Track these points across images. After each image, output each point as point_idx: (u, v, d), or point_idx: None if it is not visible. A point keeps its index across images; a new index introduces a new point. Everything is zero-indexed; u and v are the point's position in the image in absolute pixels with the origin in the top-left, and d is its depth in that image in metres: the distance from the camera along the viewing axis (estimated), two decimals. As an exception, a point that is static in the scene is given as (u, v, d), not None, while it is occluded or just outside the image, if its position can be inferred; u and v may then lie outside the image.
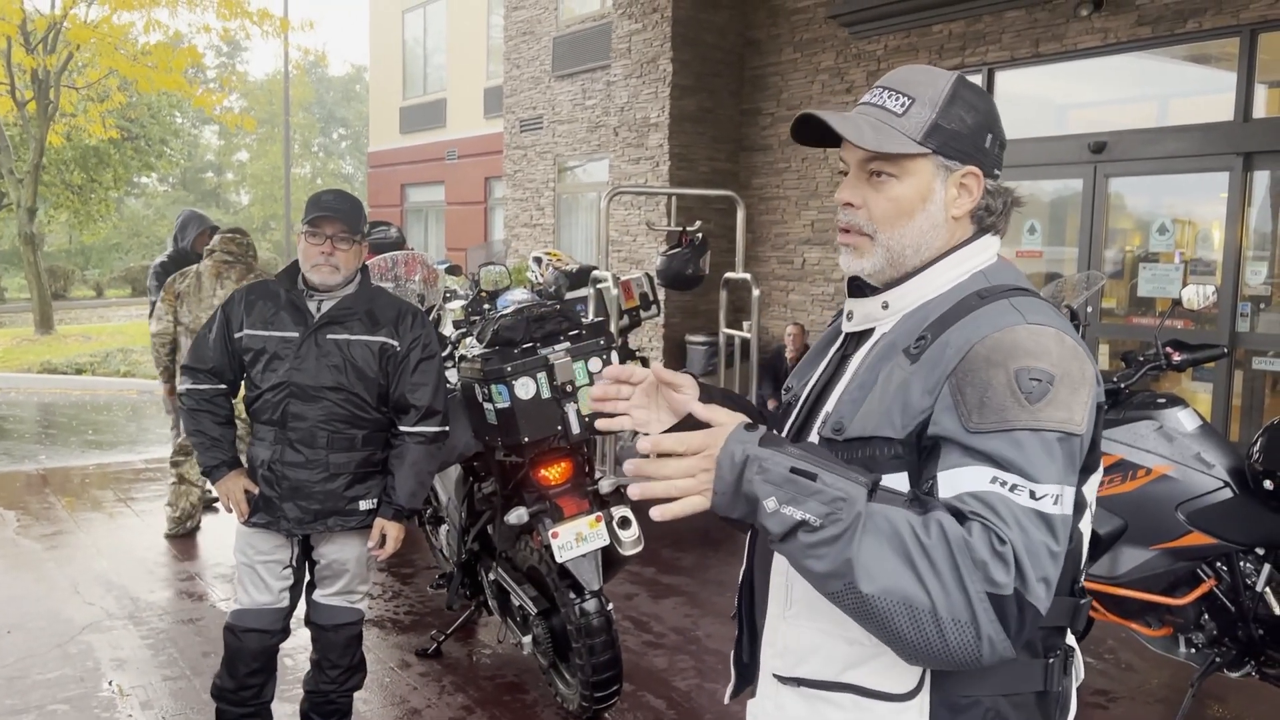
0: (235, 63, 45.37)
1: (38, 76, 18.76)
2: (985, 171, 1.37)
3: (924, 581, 1.11)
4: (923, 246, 1.37)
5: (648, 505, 1.25)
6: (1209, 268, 6.66)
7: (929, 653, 1.13)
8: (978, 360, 1.23)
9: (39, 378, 14.59)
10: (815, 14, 8.94)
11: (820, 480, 1.15)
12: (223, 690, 3.15)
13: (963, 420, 1.21)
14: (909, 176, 1.35)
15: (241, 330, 3.02)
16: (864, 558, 1.12)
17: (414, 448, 3.03)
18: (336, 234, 2.96)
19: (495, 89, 16.40)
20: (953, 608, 1.11)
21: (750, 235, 9.15)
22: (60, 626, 4.34)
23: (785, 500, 1.15)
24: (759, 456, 1.17)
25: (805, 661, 1.36)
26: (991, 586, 1.11)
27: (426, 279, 4.68)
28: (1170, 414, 3.37)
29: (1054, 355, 1.22)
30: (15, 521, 5.94)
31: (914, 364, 1.29)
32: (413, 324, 3.08)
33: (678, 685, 3.88)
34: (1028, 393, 1.19)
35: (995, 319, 1.27)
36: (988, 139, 1.37)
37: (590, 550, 3.26)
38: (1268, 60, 6.31)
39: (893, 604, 1.12)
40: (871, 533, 1.13)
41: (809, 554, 1.15)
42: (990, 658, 1.13)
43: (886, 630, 1.14)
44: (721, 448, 1.19)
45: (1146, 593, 3.36)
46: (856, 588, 1.13)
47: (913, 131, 1.33)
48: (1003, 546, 1.13)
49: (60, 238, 35.51)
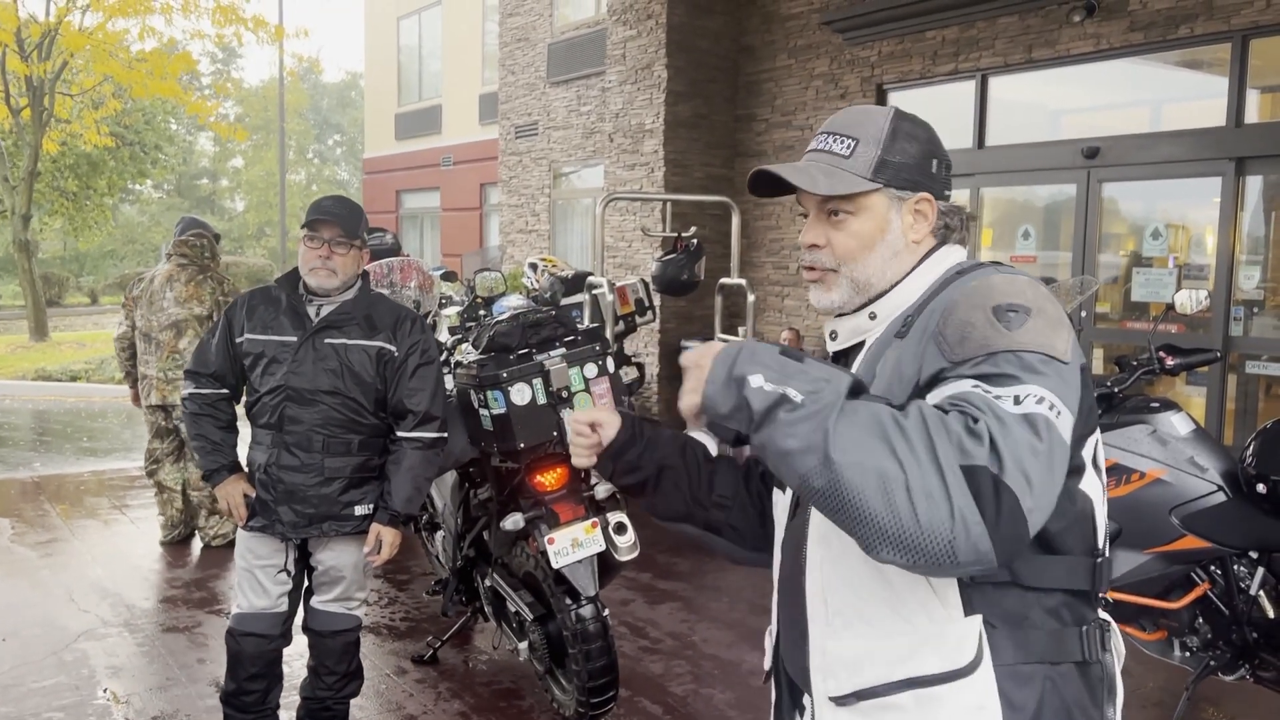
0: (230, 69, 45.38)
1: (32, 83, 18.74)
2: (935, 195, 1.45)
3: (897, 454, 1.10)
4: (887, 271, 1.44)
5: (644, 511, 1.28)
6: (1202, 272, 6.68)
7: (899, 533, 1.09)
8: (956, 306, 1.29)
9: (33, 385, 14.56)
10: (809, 20, 8.97)
11: (807, 363, 1.21)
12: (227, 694, 3.17)
13: (947, 356, 1.25)
14: (865, 212, 1.43)
15: (243, 335, 3.04)
16: (841, 429, 1.12)
17: (411, 453, 3.04)
18: (334, 238, 2.98)
19: (490, 95, 16.41)
20: (925, 478, 1.08)
21: (745, 241, 9.16)
22: (55, 634, 4.33)
23: (771, 378, 1.19)
24: (752, 346, 1.25)
25: (860, 672, 1.34)
26: (964, 457, 1.09)
27: (422, 285, 4.68)
28: (1164, 418, 3.38)
29: (1029, 295, 1.28)
30: (10, 529, 5.92)
31: (903, 340, 1.36)
32: (411, 329, 3.09)
33: (674, 691, 3.88)
34: (1005, 321, 1.23)
35: (975, 276, 1.36)
36: (933, 164, 1.46)
37: (586, 556, 3.26)
38: (1259, 65, 6.34)
39: (863, 475, 1.10)
40: (850, 414, 1.14)
41: (788, 430, 1.15)
42: (964, 544, 1.08)
43: (857, 507, 1.10)
44: (721, 350, 1.27)
45: (1141, 596, 3.37)
46: (829, 458, 1.11)
47: (861, 170, 1.42)
48: (976, 424, 1.12)
49: (55, 244, 35.46)
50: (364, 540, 3.07)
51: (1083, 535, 1.34)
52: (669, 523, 1.70)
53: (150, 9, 17.13)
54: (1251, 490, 3.23)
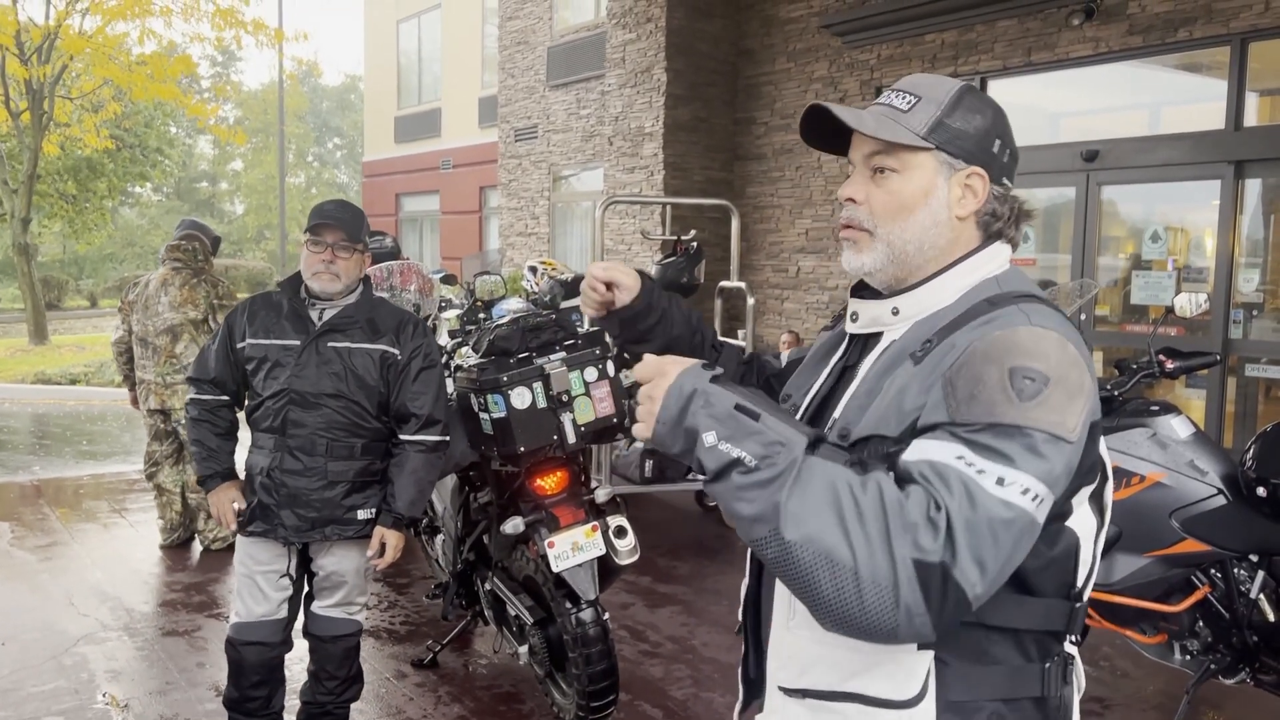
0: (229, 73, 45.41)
1: (32, 86, 18.75)
2: (991, 176, 1.36)
3: (850, 538, 1.08)
4: (925, 244, 1.35)
5: (644, 515, 1.27)
6: (1201, 275, 6.69)
7: (845, 615, 1.09)
8: (974, 356, 1.20)
9: (33, 388, 14.56)
10: (808, 24, 8.98)
11: (763, 421, 1.15)
12: (231, 702, 3.18)
13: (950, 412, 1.18)
14: (910, 171, 1.34)
15: (244, 340, 3.04)
16: (793, 505, 1.10)
17: (414, 456, 3.04)
18: (337, 242, 2.99)
19: (490, 98, 16.43)
20: (875, 569, 1.07)
21: (745, 244, 9.17)
22: (55, 638, 4.32)
23: (724, 436, 1.15)
24: (706, 391, 1.19)
25: (808, 672, 1.34)
26: (918, 551, 1.07)
27: (422, 289, 4.68)
28: (1164, 421, 3.38)
29: (1052, 359, 1.19)
30: (9, 533, 5.92)
31: (916, 366, 1.27)
32: (414, 333, 3.10)
33: (674, 695, 3.88)
34: (1019, 390, 1.16)
35: (1001, 321, 1.25)
36: (995, 144, 1.36)
37: (586, 560, 3.25)
38: (1258, 69, 6.35)
39: (814, 556, 1.08)
40: (805, 482, 1.11)
41: (740, 495, 1.13)
42: (907, 630, 1.09)
43: (805, 584, 1.10)
44: (672, 380, 1.22)
45: (1141, 600, 3.36)
46: (780, 534, 1.10)
47: (916, 126, 1.33)
48: (936, 513, 1.09)
49: (54, 248, 35.46)
50: (366, 544, 3.07)
51: (1062, 574, 1.29)
52: None
53: (150, 12, 17.14)
54: (1252, 494, 3.23)
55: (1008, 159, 1.38)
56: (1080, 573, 1.31)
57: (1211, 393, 6.62)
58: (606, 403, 3.32)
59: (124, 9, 16.85)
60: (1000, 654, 1.28)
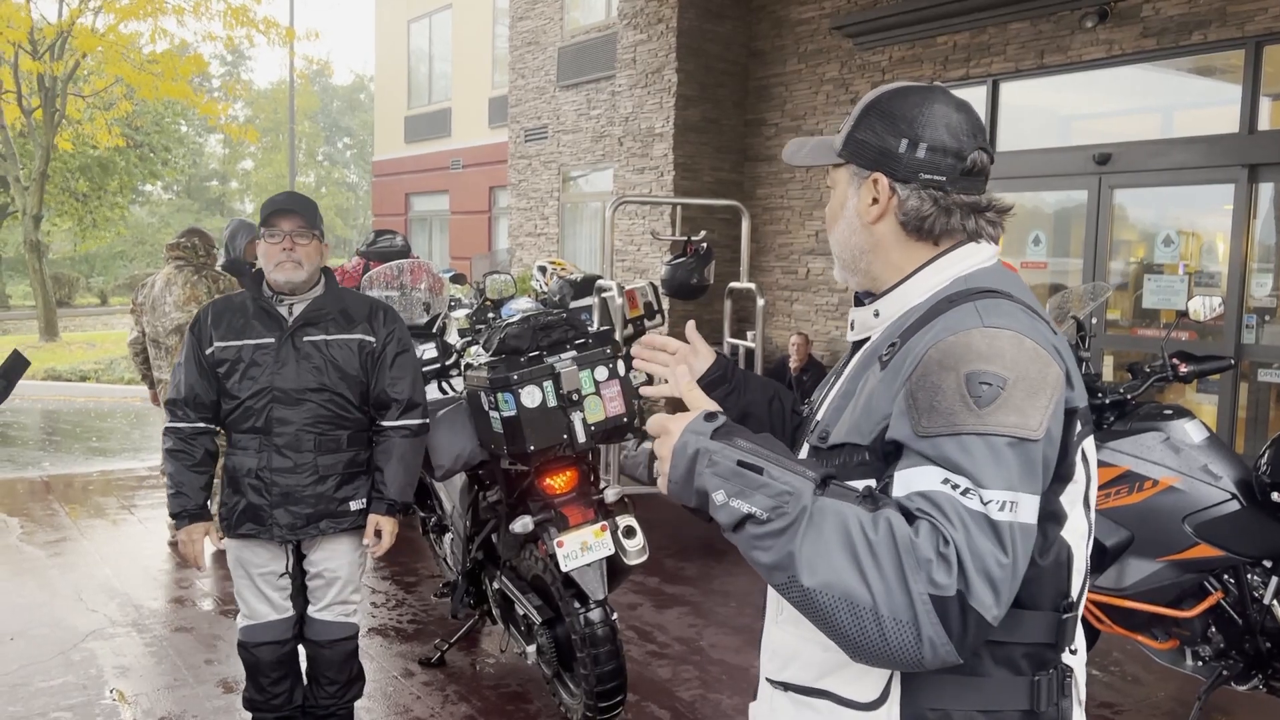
0: (240, 71, 45.55)
1: (44, 84, 18.83)
2: (897, 177, 1.35)
3: (866, 578, 1.11)
4: (852, 251, 1.43)
5: (652, 515, 1.30)
6: (1214, 279, 6.66)
7: (870, 650, 1.13)
8: (930, 365, 1.22)
9: (43, 385, 14.61)
10: (819, 25, 8.96)
11: (767, 474, 1.18)
12: (254, 702, 3.17)
13: (913, 425, 1.20)
14: (836, 187, 1.44)
15: (212, 345, 2.97)
16: (807, 551, 1.13)
17: (400, 442, 3.04)
18: (295, 229, 2.94)
19: (500, 99, 16.44)
20: (894, 606, 1.10)
21: (754, 245, 9.15)
22: (63, 634, 4.33)
23: (733, 493, 1.18)
24: (709, 450, 1.21)
25: (789, 666, 1.39)
26: (934, 588, 1.10)
27: (432, 287, 4.68)
28: (1177, 425, 3.36)
29: (1008, 358, 1.19)
30: (19, 528, 5.94)
31: (883, 370, 1.30)
32: (385, 319, 3.09)
33: (681, 696, 3.86)
34: (976, 397, 1.17)
35: (955, 323, 1.25)
36: (901, 144, 1.34)
37: (595, 559, 3.25)
38: (1273, 73, 6.31)
39: (834, 599, 1.12)
40: (816, 527, 1.14)
41: (756, 545, 1.17)
42: (933, 660, 1.12)
43: (829, 625, 1.14)
44: (677, 438, 1.24)
45: (1153, 605, 3.34)
46: (799, 581, 1.14)
47: (837, 144, 1.43)
48: (946, 548, 1.11)
49: (65, 245, 35.61)
50: (358, 536, 3.08)
51: (1055, 585, 1.28)
52: None
53: (163, 10, 17.20)
54: (1266, 499, 3.21)
55: (924, 154, 1.34)
56: (1074, 582, 1.30)
57: (1223, 397, 6.58)
58: (617, 402, 3.31)
59: (136, 8, 16.91)
60: (983, 667, 1.27)
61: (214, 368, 2.98)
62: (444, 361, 4.20)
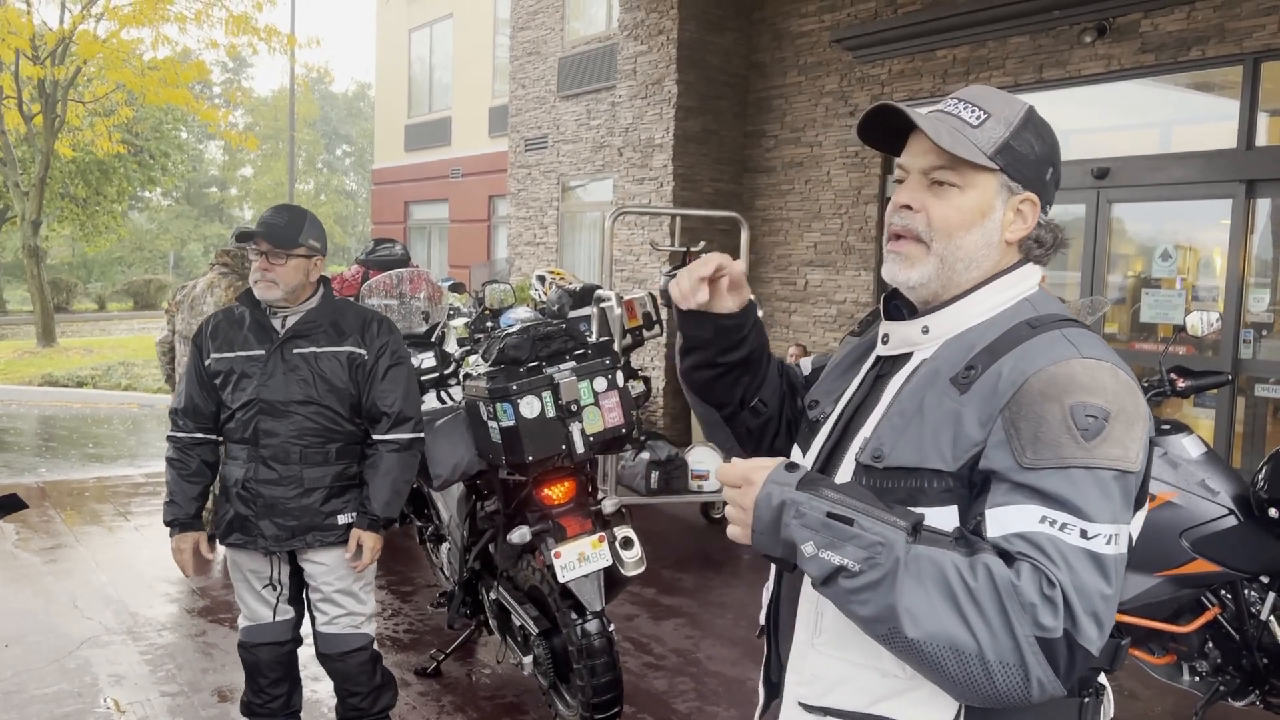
0: (240, 79, 45.63)
1: (45, 89, 18.84)
2: (1042, 203, 1.37)
3: (971, 626, 1.11)
4: (973, 264, 1.35)
5: (649, 526, 1.27)
6: (1211, 294, 6.67)
7: (978, 693, 1.13)
8: (1032, 394, 1.20)
9: (40, 390, 14.59)
10: (819, 38, 8.99)
11: (858, 525, 1.16)
12: (251, 705, 3.18)
13: (1016, 456, 1.19)
14: (972, 189, 1.33)
15: (209, 356, 3.02)
16: (907, 602, 1.12)
17: (388, 456, 3.02)
18: (268, 251, 2.96)
19: (500, 108, 16.48)
20: (1000, 652, 1.11)
21: (753, 256, 9.17)
22: (58, 641, 4.32)
23: (823, 545, 1.16)
24: (795, 501, 1.19)
25: (833, 691, 1.34)
26: (1040, 630, 1.11)
27: (431, 296, 4.69)
28: (1175, 440, 3.37)
29: (1110, 391, 1.20)
30: (14, 535, 5.92)
31: (964, 394, 1.26)
32: (379, 331, 3.08)
33: (678, 708, 3.86)
34: (1084, 429, 1.17)
35: (1049, 351, 1.24)
36: (1049, 172, 1.37)
37: (592, 570, 3.24)
38: (1271, 89, 6.34)
39: (939, 648, 1.12)
40: (914, 576, 1.13)
41: (852, 599, 1.16)
42: (1040, 697, 1.13)
43: (935, 671, 1.15)
44: (760, 489, 1.21)
45: (1150, 620, 3.34)
46: (902, 633, 1.13)
47: (985, 145, 1.32)
48: (1051, 590, 1.12)
49: (63, 251, 35.61)
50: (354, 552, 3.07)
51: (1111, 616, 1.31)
52: (702, 400, 1.64)
53: (165, 17, 17.23)
54: (1263, 514, 3.22)
55: (1055, 186, 1.39)
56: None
57: (1221, 412, 6.59)
58: (615, 413, 3.31)
59: (139, 15, 16.93)
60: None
61: (211, 379, 3.01)
62: (442, 371, 4.21)
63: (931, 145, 1.32)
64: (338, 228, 45.29)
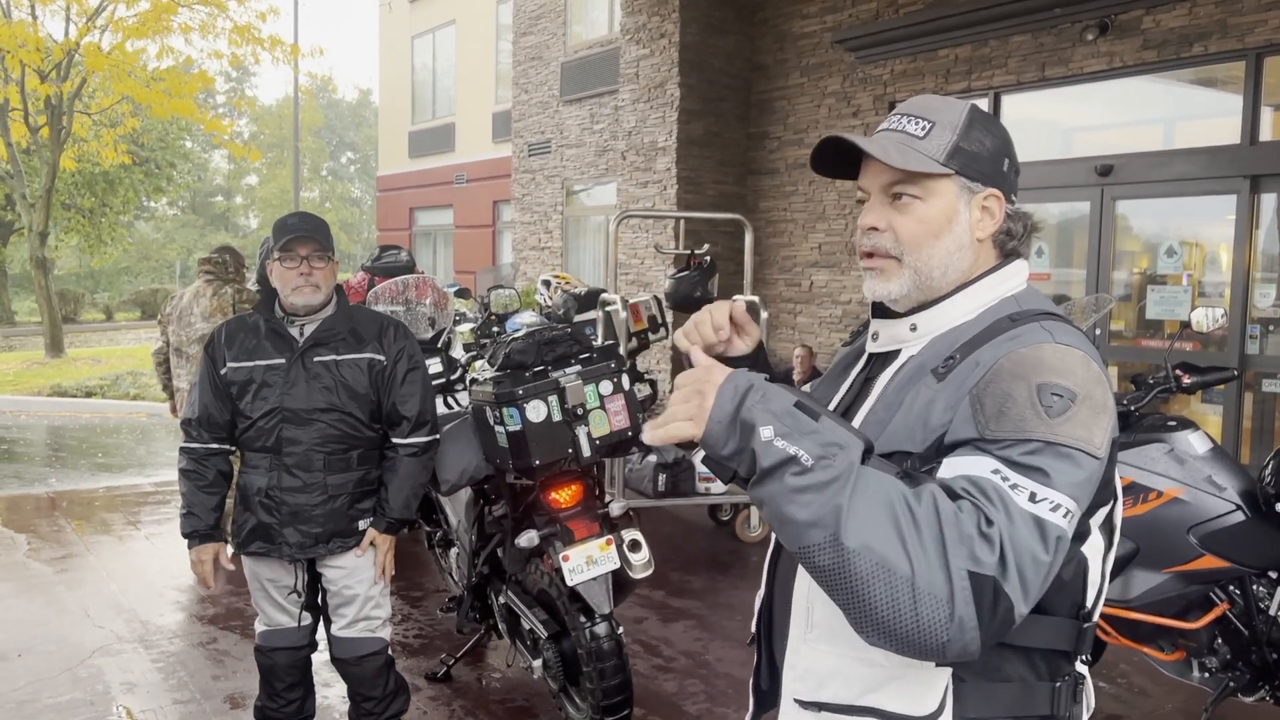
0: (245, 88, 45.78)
1: (51, 102, 18.94)
2: (1005, 195, 1.39)
3: (907, 548, 1.09)
4: (949, 268, 1.37)
5: (657, 529, 1.26)
6: (1217, 290, 6.66)
7: (896, 627, 1.09)
8: (1001, 373, 1.22)
9: (49, 401, 14.64)
10: (821, 39, 9.00)
11: (821, 421, 1.15)
12: (265, 710, 3.20)
13: (980, 428, 1.20)
14: (933, 198, 1.35)
15: (225, 365, 3.01)
16: (855, 506, 1.10)
17: (406, 460, 3.05)
18: (311, 253, 2.97)
19: (504, 113, 16.52)
20: (931, 580, 1.08)
21: (758, 258, 9.18)
22: (70, 650, 4.34)
23: (782, 432, 1.14)
24: (764, 388, 1.18)
25: (825, 686, 1.35)
26: (974, 564, 1.09)
27: (437, 302, 4.70)
28: (1181, 436, 3.36)
29: (1079, 376, 1.22)
30: (25, 545, 5.95)
31: (940, 382, 1.29)
32: (395, 336, 3.10)
33: (688, 710, 3.86)
34: (1048, 406, 1.18)
35: (1023, 338, 1.27)
36: (1005, 163, 1.39)
37: (601, 573, 3.25)
38: (1274, 84, 6.34)
39: (871, 565, 1.09)
40: (862, 490, 1.11)
41: (793, 498, 1.12)
42: (956, 644, 1.10)
43: (858, 594, 1.10)
44: (726, 378, 1.20)
45: (1159, 616, 3.34)
46: (839, 540, 1.09)
47: (935, 153, 1.34)
48: (989, 528, 1.11)
49: (71, 261, 35.75)
50: (371, 554, 3.09)
51: (1071, 596, 1.31)
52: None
53: (169, 29, 17.30)
54: (1270, 509, 3.21)
55: (1015, 176, 1.41)
56: (1089, 593, 1.33)
57: (1227, 408, 6.58)
58: (621, 416, 3.32)
59: (143, 27, 17.01)
60: (1013, 671, 1.30)
61: (227, 388, 3.01)
62: (449, 376, 4.22)
63: (895, 167, 1.34)
64: (343, 235, 45.39)
